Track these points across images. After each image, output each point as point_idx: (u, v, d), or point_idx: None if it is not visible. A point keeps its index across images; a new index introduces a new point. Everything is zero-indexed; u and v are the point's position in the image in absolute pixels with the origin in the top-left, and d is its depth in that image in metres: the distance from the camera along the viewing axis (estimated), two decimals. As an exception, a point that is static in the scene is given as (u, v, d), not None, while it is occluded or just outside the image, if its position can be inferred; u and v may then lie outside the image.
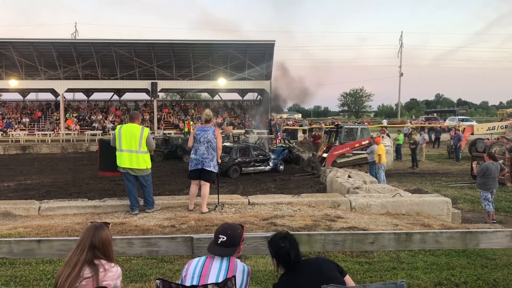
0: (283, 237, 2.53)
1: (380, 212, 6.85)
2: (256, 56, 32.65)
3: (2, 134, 29.48)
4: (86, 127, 31.43)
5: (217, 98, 40.82)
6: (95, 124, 31.79)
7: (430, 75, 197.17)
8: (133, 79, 32.77)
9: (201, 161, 6.57)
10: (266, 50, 32.30)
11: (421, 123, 35.68)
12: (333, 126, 20.67)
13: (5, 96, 41.86)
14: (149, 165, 6.54)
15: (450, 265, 4.52)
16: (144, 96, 38.34)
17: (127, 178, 6.47)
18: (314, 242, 2.98)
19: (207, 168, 6.57)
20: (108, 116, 33.58)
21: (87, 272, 2.26)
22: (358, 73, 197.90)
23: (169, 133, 27.20)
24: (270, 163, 16.12)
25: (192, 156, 6.70)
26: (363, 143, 15.53)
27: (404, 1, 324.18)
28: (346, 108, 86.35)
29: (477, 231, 3.14)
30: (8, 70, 32.29)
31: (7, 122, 31.53)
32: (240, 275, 2.39)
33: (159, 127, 31.59)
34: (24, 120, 32.41)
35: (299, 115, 68.24)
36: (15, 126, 31.08)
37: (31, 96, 39.85)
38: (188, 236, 2.95)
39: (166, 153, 20.18)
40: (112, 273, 2.34)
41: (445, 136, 26.55)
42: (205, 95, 50.72)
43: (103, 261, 2.34)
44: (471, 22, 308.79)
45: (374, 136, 15.38)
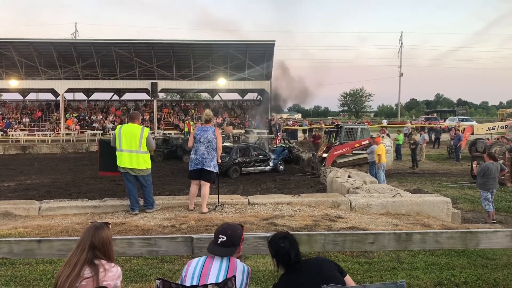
0: (283, 237, 2.53)
1: (380, 212, 6.86)
2: (256, 56, 32.64)
3: (2, 134, 29.48)
4: (86, 127, 31.42)
5: (217, 98, 40.82)
6: (95, 124, 31.78)
7: (430, 75, 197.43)
8: (133, 79, 32.76)
9: (201, 161, 6.57)
10: (266, 50, 32.28)
11: (421, 123, 35.68)
12: (333, 126, 20.66)
13: (5, 96, 41.92)
14: (149, 165, 6.55)
15: (450, 265, 4.52)
16: (144, 96, 38.36)
17: (127, 178, 6.48)
18: (314, 242, 2.98)
19: (207, 168, 6.57)
20: (108, 116, 33.57)
21: (87, 272, 2.26)
22: (358, 73, 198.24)
23: (169, 133, 27.18)
24: (270, 163, 16.12)
25: (192, 156, 6.70)
26: (363, 143, 15.54)
27: (404, 1, 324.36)
28: (346, 108, 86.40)
29: (477, 231, 3.14)
30: (8, 70, 32.28)
31: (7, 122, 31.53)
32: (240, 275, 2.38)
33: (159, 127, 31.58)
34: (24, 120, 32.40)
35: (299, 115, 68.17)
36: (15, 126, 31.07)
37: (31, 96, 39.91)
38: (188, 236, 2.95)
39: (166, 153, 20.18)
40: (112, 273, 2.34)
41: (445, 136, 26.55)
42: (205, 95, 50.74)
43: (103, 261, 2.34)
44: (471, 22, 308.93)
45: (374, 136, 15.38)
